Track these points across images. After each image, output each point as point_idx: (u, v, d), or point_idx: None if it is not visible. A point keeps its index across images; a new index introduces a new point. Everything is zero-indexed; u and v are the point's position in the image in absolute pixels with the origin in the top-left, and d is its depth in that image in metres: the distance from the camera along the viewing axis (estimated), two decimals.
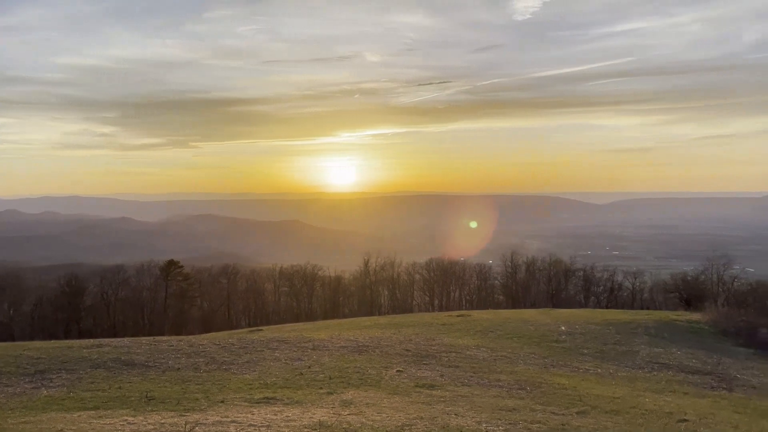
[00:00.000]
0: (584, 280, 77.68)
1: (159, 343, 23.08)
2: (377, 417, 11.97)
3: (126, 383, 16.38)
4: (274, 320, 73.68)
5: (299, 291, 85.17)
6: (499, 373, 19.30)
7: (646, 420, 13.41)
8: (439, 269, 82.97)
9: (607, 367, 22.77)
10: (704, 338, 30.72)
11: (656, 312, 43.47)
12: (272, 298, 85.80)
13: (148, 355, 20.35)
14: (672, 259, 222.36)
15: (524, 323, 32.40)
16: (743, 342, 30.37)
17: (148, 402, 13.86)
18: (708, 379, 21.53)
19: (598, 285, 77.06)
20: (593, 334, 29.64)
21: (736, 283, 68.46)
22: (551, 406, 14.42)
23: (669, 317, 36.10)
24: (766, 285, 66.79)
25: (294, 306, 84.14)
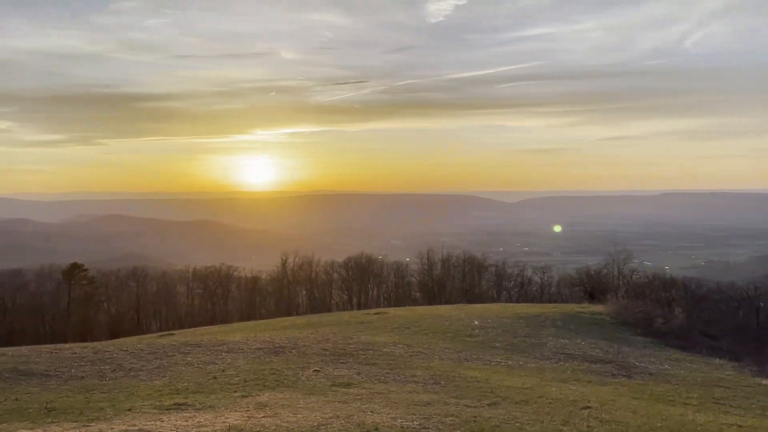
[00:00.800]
0: (497, 275, 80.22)
1: (61, 350, 21.83)
2: (292, 418, 11.86)
3: (24, 394, 15.38)
4: (187, 324, 71.33)
5: (214, 293, 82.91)
6: (415, 368, 19.61)
7: (552, 408, 14.02)
8: (357, 268, 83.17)
9: (518, 359, 23.66)
10: (606, 329, 32.52)
11: (563, 305, 45.62)
12: (185, 301, 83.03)
13: (48, 363, 19.19)
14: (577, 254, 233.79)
15: (440, 319, 33.09)
16: (641, 331, 32.39)
17: (48, 413, 13.07)
18: (609, 368, 22.80)
19: (509, 280, 79.78)
20: (504, 327, 30.70)
21: (635, 276, 72.81)
22: (464, 398, 14.81)
23: (574, 310, 37.94)
24: (661, 278, 71.65)
25: (208, 308, 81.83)
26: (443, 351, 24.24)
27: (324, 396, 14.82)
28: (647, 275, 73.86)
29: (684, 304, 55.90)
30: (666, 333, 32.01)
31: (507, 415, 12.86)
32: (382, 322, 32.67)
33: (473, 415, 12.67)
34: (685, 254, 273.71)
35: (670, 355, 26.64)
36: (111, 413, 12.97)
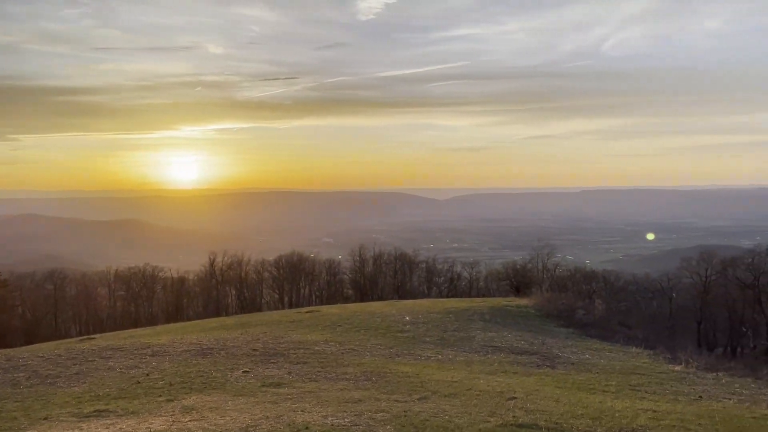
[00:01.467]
0: (427, 271, 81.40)
1: None
2: (220, 420, 11.61)
3: None
4: (109, 327, 68.44)
5: (138, 295, 79.98)
6: (347, 366, 19.61)
7: (480, 400, 14.36)
8: (288, 266, 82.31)
9: (447, 353, 24.07)
10: (531, 321, 33.59)
11: (490, 299, 46.77)
12: (107, 304, 79.65)
13: None
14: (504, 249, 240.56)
15: (371, 316, 33.23)
16: (564, 323, 33.66)
17: None
18: (534, 359, 23.56)
19: (439, 276, 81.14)
20: (435, 322, 31.17)
21: (558, 269, 75.69)
22: (395, 394, 14.94)
23: (501, 303, 38.98)
24: (582, 271, 74.76)
25: (132, 311, 78.86)
26: (375, 347, 24.35)
27: (253, 397, 14.58)
28: (569, 269, 76.99)
29: (603, 296, 58.58)
30: (587, 324, 33.40)
31: (436, 409, 13.07)
32: (313, 320, 32.48)
33: (403, 410, 12.80)
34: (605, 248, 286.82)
35: (590, 345, 27.78)
36: (25, 423, 12.29)
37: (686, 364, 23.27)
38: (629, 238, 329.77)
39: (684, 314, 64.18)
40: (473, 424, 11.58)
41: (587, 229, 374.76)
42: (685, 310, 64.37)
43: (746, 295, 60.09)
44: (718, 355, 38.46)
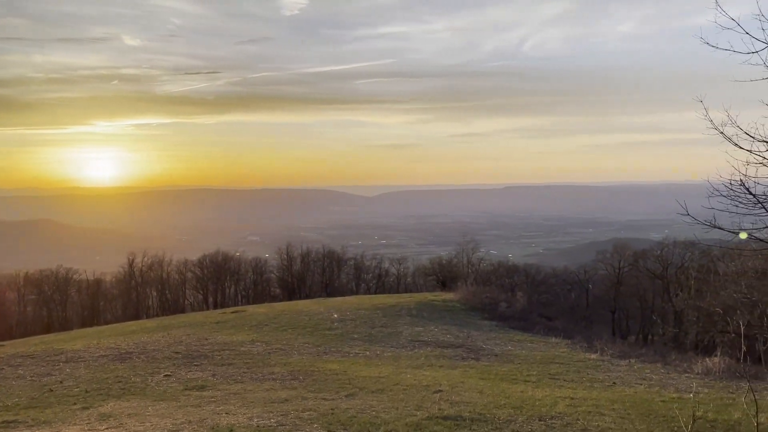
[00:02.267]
0: (355, 268, 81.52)
1: None
2: (139, 427, 11.18)
3: None
4: (18, 333, 64.49)
5: (50, 298, 75.81)
6: (274, 366, 19.35)
7: (406, 395, 14.52)
8: (213, 266, 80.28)
9: (375, 349, 24.21)
10: (457, 315, 34.31)
11: (417, 294, 47.44)
12: (16, 309, 75.04)
13: None
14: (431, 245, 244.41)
15: (299, 314, 32.97)
16: (488, 315, 34.60)
17: None
18: (460, 352, 24.08)
19: (367, 272, 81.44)
20: (363, 319, 31.29)
21: (482, 264, 77.58)
22: (322, 392, 14.88)
23: (428, 298, 39.61)
24: (505, 265, 76.99)
25: (44, 316, 74.67)
26: (302, 346, 24.17)
27: (176, 401, 14.13)
28: (493, 263, 79.05)
29: (525, 289, 60.49)
30: (509, 316, 34.46)
31: (363, 405, 13.11)
32: (239, 320, 31.86)
33: (331, 407, 12.77)
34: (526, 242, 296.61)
35: (513, 336, 28.68)
36: None
37: (601, 352, 24.44)
38: (550, 233, 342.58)
39: (600, 304, 67.31)
40: (400, 418, 11.70)
41: (510, 225, 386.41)
42: (600, 300, 67.51)
43: (656, 285, 63.73)
44: (630, 343, 40.56)
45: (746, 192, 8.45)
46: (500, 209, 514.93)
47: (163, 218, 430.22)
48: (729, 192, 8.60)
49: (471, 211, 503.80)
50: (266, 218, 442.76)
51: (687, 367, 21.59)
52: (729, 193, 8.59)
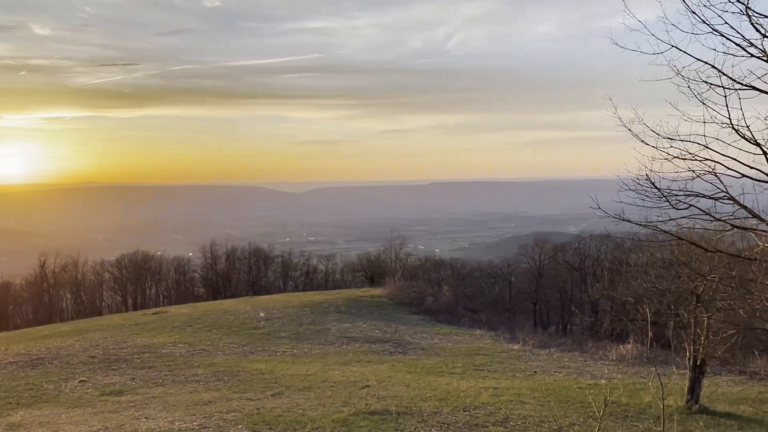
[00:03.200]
0: (283, 266, 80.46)
1: None
2: None
3: None
4: None
5: None
6: (197, 367, 18.85)
7: (334, 391, 14.50)
8: (132, 266, 77.09)
9: (303, 347, 24.04)
10: (385, 310, 34.56)
11: (346, 290, 47.41)
12: None
13: None
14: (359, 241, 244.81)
15: (224, 314, 32.26)
16: (415, 310, 35.05)
17: None
18: (387, 346, 24.28)
19: (295, 270, 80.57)
20: (291, 317, 30.98)
21: (410, 259, 78.44)
22: (248, 392, 14.62)
23: (356, 294, 39.67)
24: (432, 260, 78.14)
25: None
26: (227, 346, 23.67)
27: (91, 407, 13.50)
28: (420, 258, 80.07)
29: (451, 283, 61.69)
30: (436, 310, 35.05)
31: (290, 403, 12.99)
32: (161, 321, 30.80)
33: (256, 407, 12.57)
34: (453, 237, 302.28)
35: (439, 329, 29.20)
36: None
37: (523, 343, 25.28)
38: (475, 228, 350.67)
39: (522, 296, 69.51)
40: (327, 415, 11.67)
41: (437, 220, 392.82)
42: (522, 292, 69.71)
43: (574, 277, 66.51)
44: (551, 333, 42.19)
45: (652, 186, 8.93)
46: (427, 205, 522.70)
47: (78, 217, 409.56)
48: (637, 186, 9.06)
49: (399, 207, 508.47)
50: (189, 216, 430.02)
51: (602, 355, 22.69)
52: (637, 187, 9.05)
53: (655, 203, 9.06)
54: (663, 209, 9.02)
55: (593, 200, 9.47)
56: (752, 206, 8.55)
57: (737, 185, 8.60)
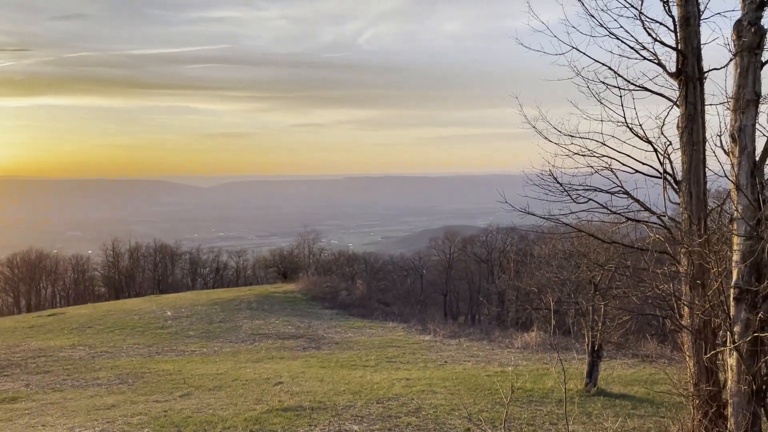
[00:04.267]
0: (191, 263, 77.92)
1: None
2: None
3: None
4: None
5: None
6: (99, 370, 17.93)
7: (246, 390, 14.23)
8: (25, 265, 72.07)
9: (213, 345, 23.42)
10: (298, 306, 34.27)
11: (257, 287, 46.59)
12: None
13: None
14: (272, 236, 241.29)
15: (128, 314, 30.86)
16: (328, 305, 34.98)
17: None
18: (301, 342, 24.11)
19: (204, 267, 78.27)
20: (200, 315, 30.09)
21: (324, 254, 78.17)
22: (154, 394, 14.07)
23: (268, 290, 39.08)
24: (345, 254, 78.28)
25: None
26: (132, 347, 22.68)
27: None
28: (334, 253, 79.94)
29: (364, 277, 62.10)
30: (350, 304, 35.16)
31: (200, 404, 12.63)
32: (58, 323, 29.02)
33: (163, 409, 12.12)
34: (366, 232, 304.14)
35: (353, 323, 29.31)
36: None
37: (434, 334, 25.87)
38: (387, 222, 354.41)
39: (433, 288, 71.11)
40: (238, 414, 11.43)
41: (350, 214, 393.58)
42: (434, 284, 71.31)
43: (482, 269, 68.85)
44: (460, 323, 43.36)
45: (554, 181, 9.39)
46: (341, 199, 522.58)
47: None
48: (540, 181, 9.49)
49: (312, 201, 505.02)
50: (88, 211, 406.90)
51: (509, 343, 23.62)
52: (540, 182, 9.48)
53: (558, 197, 9.51)
54: (564, 203, 9.48)
55: (500, 194, 9.80)
56: (644, 200, 9.16)
57: (631, 180, 9.18)
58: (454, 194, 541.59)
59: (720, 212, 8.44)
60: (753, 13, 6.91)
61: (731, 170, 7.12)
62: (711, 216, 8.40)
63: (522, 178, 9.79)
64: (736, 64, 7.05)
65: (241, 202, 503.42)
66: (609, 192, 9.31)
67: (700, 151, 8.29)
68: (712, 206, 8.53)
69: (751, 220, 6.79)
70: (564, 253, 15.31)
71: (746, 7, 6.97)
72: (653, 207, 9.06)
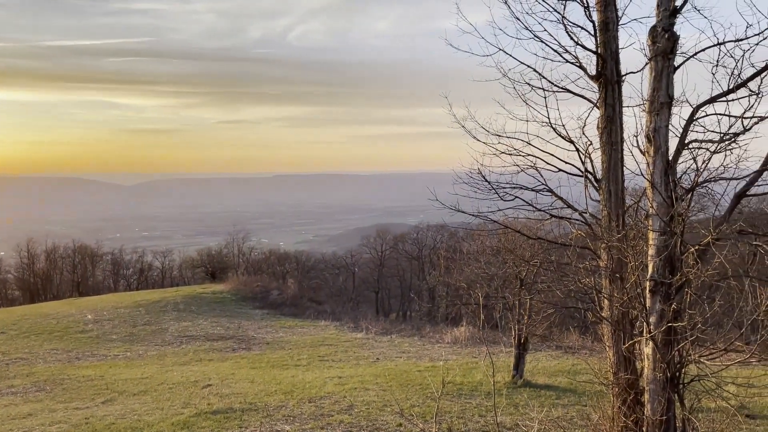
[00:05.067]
0: (113, 264, 74.85)
1: None
2: None
3: None
4: None
5: None
6: (13, 378, 16.96)
7: (173, 393, 13.81)
8: None
9: (137, 348, 22.61)
10: (227, 306, 33.56)
11: (184, 288, 45.29)
12: None
13: None
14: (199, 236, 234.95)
15: (44, 318, 29.32)
16: (259, 304, 34.44)
17: None
18: (230, 343, 23.63)
19: (127, 268, 75.39)
20: (123, 317, 28.98)
21: (254, 253, 76.88)
22: (75, 401, 13.44)
23: (196, 291, 38.07)
24: (276, 253, 77.31)
25: None
26: (49, 353, 21.57)
27: None
28: (264, 252, 78.75)
29: (296, 276, 61.54)
30: (281, 303, 34.75)
31: (124, 409, 12.16)
32: None
33: (85, 416, 11.60)
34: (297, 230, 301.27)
35: (284, 323, 28.99)
36: None
37: (366, 331, 25.97)
38: (319, 220, 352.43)
39: (365, 286, 71.33)
40: (165, 418, 11.08)
41: (281, 213, 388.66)
42: (366, 282, 71.54)
43: (413, 266, 69.63)
44: (392, 320, 43.75)
45: (483, 179, 9.61)
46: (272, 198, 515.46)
47: None
48: (470, 180, 9.69)
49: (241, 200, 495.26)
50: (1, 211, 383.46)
51: (439, 338, 24.01)
52: (470, 180, 9.68)
53: (486, 195, 9.74)
54: (493, 201, 9.71)
55: (431, 192, 9.94)
56: (567, 197, 9.52)
57: (555, 179, 9.51)
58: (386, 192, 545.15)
59: (636, 209, 8.86)
60: (666, 20, 7.30)
61: (647, 169, 7.49)
62: (628, 213, 8.80)
63: (452, 176, 9.96)
64: (651, 68, 7.42)
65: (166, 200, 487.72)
66: (534, 190, 9.61)
67: (619, 150, 8.68)
68: (630, 203, 8.94)
69: (664, 216, 7.17)
70: (492, 249, 15.70)
71: (660, 14, 7.35)
72: (575, 204, 9.41)
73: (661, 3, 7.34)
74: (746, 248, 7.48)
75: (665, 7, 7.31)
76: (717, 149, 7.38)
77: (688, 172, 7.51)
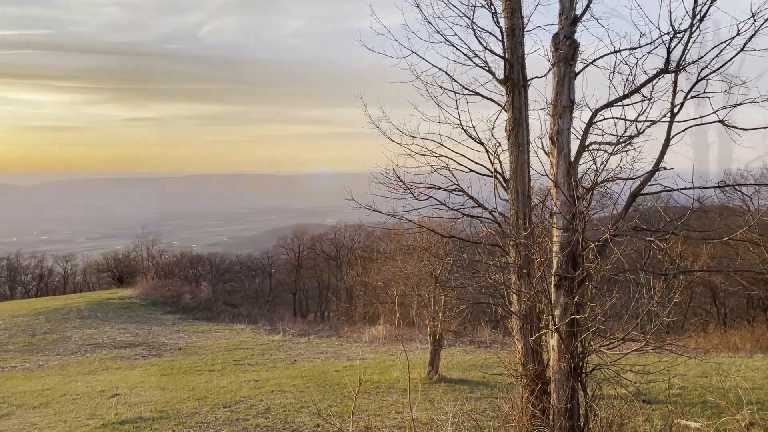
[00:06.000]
0: (9, 269, 69.98)
1: None
2: None
3: None
4: None
5: None
6: None
7: (77, 405, 13.10)
8: None
9: (37, 359, 21.28)
10: (136, 312, 32.18)
11: (89, 293, 43.05)
12: None
13: None
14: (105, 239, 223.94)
15: None
16: (170, 309, 33.25)
17: None
18: (140, 350, 22.67)
19: (25, 273, 70.77)
20: (20, 326, 27.19)
21: (164, 256, 74.10)
22: None
23: (102, 297, 36.26)
24: (188, 255, 74.96)
25: None
26: None
27: None
28: (176, 254, 76.08)
29: (210, 278, 59.93)
30: (194, 307, 33.70)
31: (22, 423, 11.42)
32: None
33: None
34: (210, 232, 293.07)
35: (198, 327, 28.14)
36: None
37: (283, 333, 25.69)
38: (234, 221, 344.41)
39: (282, 287, 70.49)
40: (69, 431, 10.50)
41: (193, 214, 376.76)
42: (283, 284, 70.70)
43: (331, 266, 69.52)
44: (310, 321, 43.44)
45: (398, 180, 9.78)
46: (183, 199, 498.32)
47: None
48: (385, 180, 9.84)
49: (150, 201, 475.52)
50: None
51: (357, 337, 24.11)
52: (385, 180, 9.83)
53: (401, 195, 9.91)
54: (408, 200, 9.90)
55: (348, 192, 9.99)
56: (478, 197, 9.84)
57: (466, 179, 9.81)
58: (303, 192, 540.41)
59: (542, 208, 9.29)
60: (568, 28, 7.71)
61: (551, 170, 7.88)
62: (535, 211, 9.21)
63: (368, 177, 10.06)
64: (554, 73, 7.80)
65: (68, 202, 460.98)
66: (447, 190, 9.87)
67: (525, 152, 9.07)
68: (536, 202, 9.36)
69: (567, 214, 7.57)
70: (407, 248, 15.97)
71: (562, 22, 7.75)
72: (486, 203, 9.75)
73: (563, 11, 7.73)
74: (641, 244, 8.01)
75: (567, 16, 7.71)
76: (614, 151, 7.87)
77: (588, 173, 7.97)
